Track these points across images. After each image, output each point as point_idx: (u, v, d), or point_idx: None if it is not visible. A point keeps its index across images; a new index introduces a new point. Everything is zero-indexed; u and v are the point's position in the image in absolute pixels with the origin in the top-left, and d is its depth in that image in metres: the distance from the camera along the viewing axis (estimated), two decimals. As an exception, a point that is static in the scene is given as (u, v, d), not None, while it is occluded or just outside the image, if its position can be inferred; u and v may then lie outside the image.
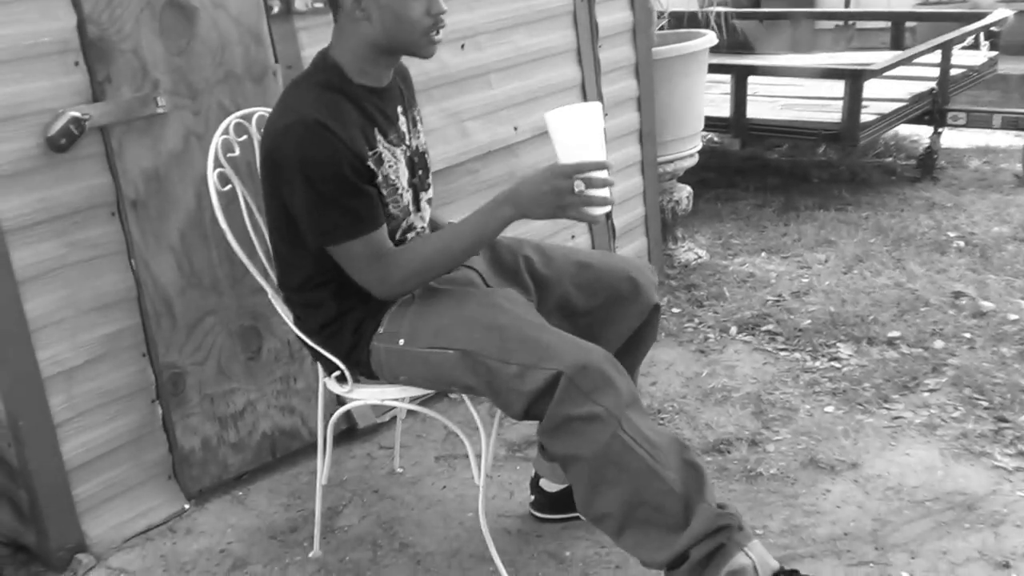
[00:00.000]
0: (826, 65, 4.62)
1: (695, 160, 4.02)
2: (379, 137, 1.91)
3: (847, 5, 7.62)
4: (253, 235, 2.17)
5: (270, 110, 2.32)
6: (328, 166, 1.79)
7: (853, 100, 4.24)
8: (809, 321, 3.33)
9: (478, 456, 2.13)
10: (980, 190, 4.74)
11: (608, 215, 1.79)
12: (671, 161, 3.86)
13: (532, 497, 2.36)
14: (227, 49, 2.39)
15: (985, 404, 2.72)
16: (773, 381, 2.98)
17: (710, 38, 3.81)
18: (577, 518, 2.32)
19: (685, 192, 4.02)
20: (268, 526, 2.45)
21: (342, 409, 2.16)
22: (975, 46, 5.40)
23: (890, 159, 5.42)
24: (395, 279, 1.88)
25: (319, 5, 2.56)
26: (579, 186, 1.74)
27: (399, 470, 2.65)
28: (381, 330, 1.97)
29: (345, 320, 1.99)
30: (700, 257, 4.04)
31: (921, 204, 4.58)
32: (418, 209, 2.04)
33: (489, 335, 1.84)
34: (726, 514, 1.78)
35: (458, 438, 2.14)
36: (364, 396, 2.06)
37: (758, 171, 5.40)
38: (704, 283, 3.79)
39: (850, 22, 7.24)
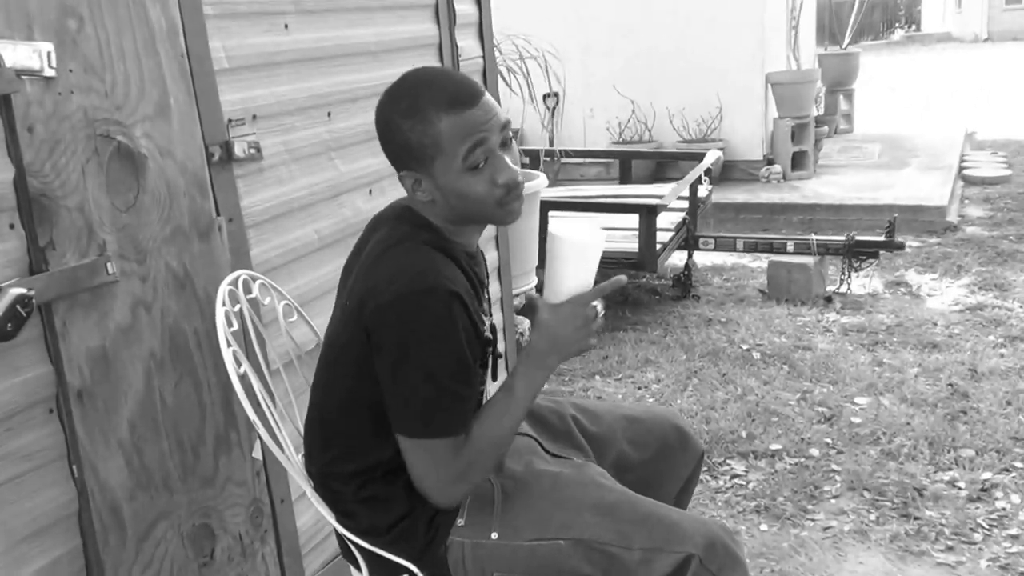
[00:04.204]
0: (622, 200, 4.72)
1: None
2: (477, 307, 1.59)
3: (551, 143, 7.94)
4: (279, 424, 1.69)
5: (251, 272, 1.90)
6: (457, 349, 1.46)
7: (649, 231, 4.37)
8: (685, 441, 3.28)
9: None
10: (737, 304, 5.04)
11: None
12: (518, 295, 3.70)
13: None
14: (174, 201, 1.91)
15: (889, 504, 2.80)
16: (694, 507, 2.86)
17: (544, 179, 3.75)
18: None
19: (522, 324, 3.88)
20: None
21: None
22: (699, 181, 5.85)
23: (644, 280, 5.66)
24: (473, 475, 1.53)
25: (254, 151, 2.16)
26: (601, 309, 1.57)
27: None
28: (461, 522, 1.61)
29: (418, 514, 1.60)
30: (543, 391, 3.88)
31: (698, 320, 4.77)
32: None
33: (601, 519, 1.58)
34: None
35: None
36: (436, 600, 1.65)
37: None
38: (562, 413, 3.61)
39: (558, 156, 7.56)
